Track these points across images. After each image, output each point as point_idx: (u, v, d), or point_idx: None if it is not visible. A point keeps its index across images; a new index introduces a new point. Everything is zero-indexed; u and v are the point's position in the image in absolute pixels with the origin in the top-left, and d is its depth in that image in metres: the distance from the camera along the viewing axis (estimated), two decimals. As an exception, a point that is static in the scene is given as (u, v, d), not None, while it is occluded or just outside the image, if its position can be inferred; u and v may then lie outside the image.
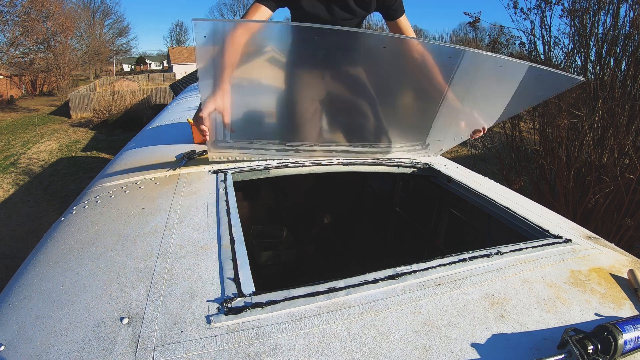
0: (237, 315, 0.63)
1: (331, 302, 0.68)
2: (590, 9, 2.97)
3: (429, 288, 0.74)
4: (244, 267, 0.76)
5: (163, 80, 28.00)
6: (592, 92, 3.01)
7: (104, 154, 9.67)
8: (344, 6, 1.38)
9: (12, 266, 4.50)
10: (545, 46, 3.35)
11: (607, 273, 0.85)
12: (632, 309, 0.74)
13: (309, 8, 1.36)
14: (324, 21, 1.40)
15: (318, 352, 0.58)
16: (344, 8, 1.38)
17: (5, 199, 6.86)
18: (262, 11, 1.31)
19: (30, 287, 0.73)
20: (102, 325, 0.61)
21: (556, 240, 0.97)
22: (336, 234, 2.38)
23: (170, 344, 0.58)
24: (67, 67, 20.97)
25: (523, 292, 0.75)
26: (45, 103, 18.33)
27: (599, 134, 2.93)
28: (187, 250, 0.82)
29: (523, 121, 3.76)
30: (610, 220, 2.76)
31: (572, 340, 0.58)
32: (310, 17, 1.38)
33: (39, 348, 0.58)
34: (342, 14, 1.40)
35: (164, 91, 15.48)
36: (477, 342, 0.62)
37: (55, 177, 8.05)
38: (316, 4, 1.36)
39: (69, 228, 0.97)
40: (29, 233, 5.50)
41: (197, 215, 0.97)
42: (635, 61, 2.74)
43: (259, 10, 1.31)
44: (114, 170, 1.42)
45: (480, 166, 6.45)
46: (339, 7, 1.38)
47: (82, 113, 14.52)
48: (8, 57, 15.85)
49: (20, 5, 15.54)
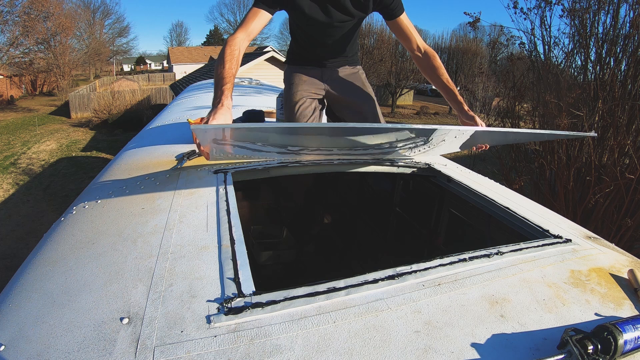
0: (237, 315, 0.63)
1: (331, 302, 0.68)
2: (590, 9, 2.97)
3: (429, 288, 0.74)
4: (244, 267, 0.76)
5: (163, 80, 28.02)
6: (592, 92, 3.01)
7: (104, 154, 9.68)
8: (341, 8, 1.38)
9: (12, 266, 4.50)
10: (545, 46, 3.35)
11: (607, 273, 0.85)
12: (632, 309, 0.74)
13: (307, 10, 1.36)
14: (322, 23, 1.40)
15: (318, 352, 0.58)
16: (341, 10, 1.38)
17: (5, 199, 6.86)
18: (262, 16, 1.31)
19: (30, 287, 0.73)
20: (102, 325, 0.61)
21: (556, 240, 0.97)
22: (336, 233, 2.38)
23: (170, 344, 0.58)
24: (67, 67, 20.96)
25: (523, 292, 0.75)
26: (45, 103, 18.34)
27: (599, 134, 2.93)
28: (187, 250, 0.82)
29: (523, 121, 3.76)
30: (610, 220, 2.76)
31: (572, 340, 0.58)
32: (308, 19, 1.38)
33: (39, 348, 0.58)
34: (340, 15, 1.39)
35: (164, 91, 15.49)
36: (477, 342, 0.62)
37: (55, 177, 8.05)
38: (314, 7, 1.36)
39: (69, 228, 0.97)
40: (29, 233, 5.50)
41: (197, 215, 0.97)
42: (635, 61, 2.74)
43: (258, 15, 1.31)
44: (114, 170, 1.42)
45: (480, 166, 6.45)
46: (337, 9, 1.38)
47: (82, 113, 14.53)
48: (8, 57, 15.84)
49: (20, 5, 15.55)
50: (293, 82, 1.58)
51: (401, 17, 1.41)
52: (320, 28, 1.43)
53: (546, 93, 3.10)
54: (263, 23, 1.32)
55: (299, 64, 1.60)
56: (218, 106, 1.09)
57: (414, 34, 1.45)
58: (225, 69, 1.17)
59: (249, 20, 1.31)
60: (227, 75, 1.16)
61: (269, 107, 2.51)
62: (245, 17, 1.32)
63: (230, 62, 1.19)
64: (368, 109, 1.59)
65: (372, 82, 16.56)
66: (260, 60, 12.10)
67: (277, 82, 4.85)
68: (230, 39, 1.26)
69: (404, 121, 15.67)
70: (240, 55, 1.24)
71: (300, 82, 1.57)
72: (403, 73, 17.50)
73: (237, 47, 1.24)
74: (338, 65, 1.58)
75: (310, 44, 1.53)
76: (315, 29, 1.44)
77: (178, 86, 12.58)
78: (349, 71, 1.61)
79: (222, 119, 1.06)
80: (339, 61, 1.58)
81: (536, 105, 3.48)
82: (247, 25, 1.30)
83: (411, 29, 1.45)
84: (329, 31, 1.45)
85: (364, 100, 1.59)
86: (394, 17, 1.40)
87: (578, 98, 2.95)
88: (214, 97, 1.14)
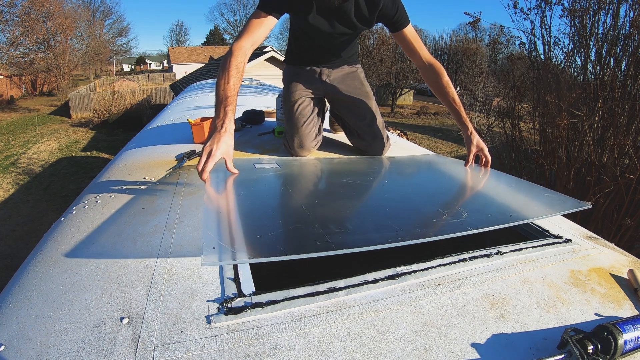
0: (237, 315, 0.63)
1: (331, 302, 0.68)
2: (590, 9, 2.97)
3: (429, 288, 0.74)
4: (244, 267, 0.76)
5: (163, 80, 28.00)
6: (592, 92, 3.01)
7: (104, 154, 9.68)
8: (346, 23, 1.37)
9: (12, 266, 4.50)
10: (545, 46, 3.35)
11: (607, 273, 0.85)
12: (632, 309, 0.74)
13: (311, 21, 1.35)
14: (325, 33, 1.39)
15: (318, 352, 0.58)
16: (346, 25, 1.38)
17: (5, 199, 6.86)
18: (268, 21, 1.26)
19: (30, 287, 0.73)
20: (102, 325, 0.61)
21: (556, 240, 0.97)
22: None
23: (170, 344, 0.58)
24: (67, 67, 20.95)
25: (523, 292, 0.75)
26: (45, 103, 18.33)
27: (599, 134, 2.93)
28: (187, 250, 0.82)
29: (523, 121, 3.76)
30: (610, 220, 2.76)
31: (572, 340, 0.58)
32: (312, 28, 1.38)
33: (39, 348, 0.58)
34: (343, 29, 1.39)
35: (164, 91, 15.48)
36: (477, 342, 0.62)
37: (55, 177, 8.05)
38: (319, 18, 1.35)
39: (69, 228, 0.97)
40: (29, 233, 5.50)
41: (197, 215, 0.97)
42: (635, 61, 2.74)
43: (264, 21, 1.26)
44: (114, 170, 1.42)
45: (480, 166, 6.42)
46: (341, 23, 1.37)
47: (82, 113, 14.52)
48: (8, 57, 15.84)
49: (20, 5, 15.53)
50: (292, 81, 1.58)
51: (406, 30, 1.39)
52: (322, 36, 1.43)
53: (546, 93, 3.10)
54: (269, 28, 1.28)
55: (298, 63, 1.59)
56: (221, 131, 1.07)
57: (420, 46, 1.43)
58: (229, 86, 1.14)
59: (255, 26, 1.26)
60: (230, 93, 1.13)
61: (269, 107, 2.51)
62: (250, 23, 1.26)
63: (235, 77, 1.16)
64: (366, 109, 1.59)
65: (372, 82, 16.54)
66: (260, 60, 12.10)
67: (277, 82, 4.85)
68: (236, 48, 1.21)
69: (403, 121, 15.68)
70: (245, 66, 1.21)
71: (299, 81, 1.57)
72: (403, 73, 17.50)
73: (242, 58, 1.20)
74: (337, 65, 1.58)
75: (310, 46, 1.53)
76: (316, 35, 1.44)
77: (178, 86, 12.58)
78: (347, 70, 1.61)
79: (224, 147, 1.06)
80: (338, 61, 1.58)
81: (536, 105, 3.47)
82: (253, 32, 1.25)
83: (416, 42, 1.42)
84: (331, 40, 1.46)
85: (361, 99, 1.60)
86: (398, 29, 1.39)
87: (578, 98, 2.94)
88: (215, 115, 1.12)
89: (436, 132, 13.35)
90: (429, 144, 11.40)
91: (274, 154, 1.56)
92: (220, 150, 1.05)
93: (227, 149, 1.08)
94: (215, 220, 0.78)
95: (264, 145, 1.67)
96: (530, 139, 3.64)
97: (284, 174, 1.22)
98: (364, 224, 0.80)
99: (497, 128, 3.97)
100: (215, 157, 1.04)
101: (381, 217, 0.85)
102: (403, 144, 2.05)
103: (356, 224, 0.79)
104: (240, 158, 1.43)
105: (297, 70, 1.59)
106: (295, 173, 1.29)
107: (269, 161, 1.38)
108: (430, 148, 9.20)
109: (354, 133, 1.64)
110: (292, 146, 1.54)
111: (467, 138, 1.43)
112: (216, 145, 1.05)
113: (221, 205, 0.87)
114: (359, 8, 1.34)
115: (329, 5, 1.28)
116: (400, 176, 1.27)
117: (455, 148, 10.71)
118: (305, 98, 1.56)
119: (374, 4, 1.33)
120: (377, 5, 1.33)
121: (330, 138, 1.83)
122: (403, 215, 0.90)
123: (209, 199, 0.93)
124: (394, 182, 1.16)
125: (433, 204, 1.00)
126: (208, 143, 1.06)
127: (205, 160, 1.02)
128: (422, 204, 0.98)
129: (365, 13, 1.35)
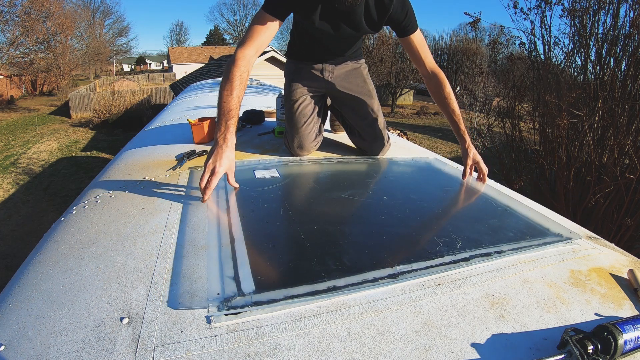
0: (237, 315, 0.63)
1: (331, 301, 0.68)
2: (590, 9, 2.97)
3: (429, 288, 0.74)
4: (244, 266, 0.76)
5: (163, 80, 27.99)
6: (592, 92, 3.01)
7: (104, 154, 9.68)
8: (353, 26, 1.35)
9: (12, 266, 4.50)
10: (545, 46, 3.35)
11: (607, 273, 0.85)
12: (632, 309, 0.74)
13: (316, 24, 1.32)
14: (329, 35, 1.37)
15: (318, 352, 0.58)
16: (353, 26, 1.35)
17: (5, 199, 6.87)
18: (272, 25, 1.22)
19: (30, 287, 0.73)
20: (102, 325, 0.61)
21: (556, 240, 0.97)
22: None
23: (170, 344, 0.58)
24: (67, 67, 20.95)
25: (523, 292, 0.75)
26: (45, 103, 18.34)
27: (599, 134, 2.93)
28: (187, 250, 0.82)
29: (523, 121, 3.76)
30: (610, 220, 2.76)
31: (572, 340, 0.58)
32: (317, 30, 1.36)
33: (39, 348, 0.58)
34: (349, 31, 1.36)
35: (164, 91, 15.49)
36: (477, 342, 0.62)
37: (55, 177, 8.05)
38: (325, 20, 1.32)
39: (69, 228, 0.97)
40: (29, 233, 5.50)
41: (197, 215, 0.97)
42: (635, 61, 2.74)
43: (268, 25, 1.21)
44: (114, 170, 1.42)
45: (480, 166, 6.42)
46: (348, 25, 1.35)
47: (82, 113, 14.53)
48: (8, 57, 15.84)
49: (20, 5, 15.54)
50: (293, 78, 1.56)
51: (413, 36, 1.37)
52: (327, 37, 1.42)
53: (546, 93, 3.10)
54: (273, 32, 1.24)
55: (300, 59, 1.58)
56: (223, 146, 1.07)
57: (425, 54, 1.41)
58: (232, 97, 1.12)
59: (259, 32, 1.21)
60: (233, 106, 1.12)
61: (269, 107, 2.51)
62: (254, 28, 1.21)
63: (238, 89, 1.14)
64: (368, 109, 1.59)
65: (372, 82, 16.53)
66: (260, 60, 12.11)
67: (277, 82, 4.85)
68: (239, 57, 1.17)
69: (403, 121, 15.68)
70: (248, 76, 1.19)
71: (300, 78, 1.56)
72: (403, 73, 17.50)
73: (245, 68, 1.17)
74: (340, 62, 1.57)
75: (313, 45, 1.52)
76: (321, 36, 1.43)
77: (178, 86, 12.59)
78: (350, 67, 1.59)
79: (226, 162, 1.06)
80: (341, 58, 1.57)
81: (536, 105, 3.47)
82: (257, 38, 1.21)
83: (423, 49, 1.40)
84: (335, 41, 1.45)
85: (363, 98, 1.59)
86: (406, 34, 1.37)
87: (578, 98, 2.94)
88: (217, 128, 1.11)
89: (436, 132, 13.36)
90: (429, 144, 11.41)
91: (274, 154, 1.56)
92: (223, 167, 1.05)
93: (229, 164, 1.08)
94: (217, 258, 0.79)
95: (264, 145, 1.67)
96: (530, 139, 3.65)
97: (282, 188, 1.23)
98: (361, 260, 0.82)
99: (497, 128, 3.97)
100: (219, 174, 1.04)
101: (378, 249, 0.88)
102: (403, 144, 2.04)
103: (353, 259, 0.83)
104: (241, 161, 1.43)
105: (300, 66, 1.57)
106: (294, 186, 1.30)
107: (268, 166, 1.39)
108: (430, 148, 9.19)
109: (354, 132, 1.64)
110: (291, 146, 1.54)
111: (464, 151, 1.42)
112: (219, 162, 1.05)
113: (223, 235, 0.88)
114: (369, 12, 1.31)
115: (339, 7, 1.23)
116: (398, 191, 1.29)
117: (455, 148, 10.71)
118: (306, 97, 1.55)
119: (384, 8, 1.30)
120: (387, 10, 1.30)
121: (331, 138, 1.83)
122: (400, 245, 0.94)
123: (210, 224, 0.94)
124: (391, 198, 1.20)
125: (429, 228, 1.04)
126: (211, 160, 1.06)
127: (208, 178, 1.03)
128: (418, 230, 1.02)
129: (375, 17, 1.32)
